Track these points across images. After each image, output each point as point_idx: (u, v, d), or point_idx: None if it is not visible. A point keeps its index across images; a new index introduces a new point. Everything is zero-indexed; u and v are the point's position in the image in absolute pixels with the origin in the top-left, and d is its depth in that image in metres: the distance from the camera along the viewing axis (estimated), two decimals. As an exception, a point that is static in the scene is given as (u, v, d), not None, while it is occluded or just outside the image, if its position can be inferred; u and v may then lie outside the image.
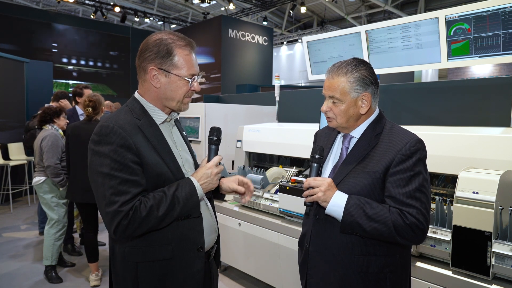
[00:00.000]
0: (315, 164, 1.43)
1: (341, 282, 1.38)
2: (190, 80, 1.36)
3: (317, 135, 1.71)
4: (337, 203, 1.34)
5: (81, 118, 4.23)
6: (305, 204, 1.43)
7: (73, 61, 11.37)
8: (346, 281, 1.37)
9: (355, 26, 6.77)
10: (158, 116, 1.39)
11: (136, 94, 1.41)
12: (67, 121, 3.71)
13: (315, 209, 1.45)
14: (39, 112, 3.70)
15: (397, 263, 1.39)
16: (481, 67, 11.92)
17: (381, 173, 1.34)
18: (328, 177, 1.46)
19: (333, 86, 1.40)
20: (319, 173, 1.44)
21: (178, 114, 1.49)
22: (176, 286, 1.35)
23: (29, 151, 5.71)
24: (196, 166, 1.53)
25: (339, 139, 1.54)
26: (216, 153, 1.44)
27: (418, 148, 1.34)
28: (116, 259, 1.37)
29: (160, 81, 1.34)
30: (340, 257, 1.39)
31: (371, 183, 1.35)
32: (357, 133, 1.45)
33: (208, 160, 1.42)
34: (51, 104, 4.43)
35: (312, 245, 1.46)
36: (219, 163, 1.42)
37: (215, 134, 1.45)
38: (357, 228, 1.33)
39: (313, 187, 1.37)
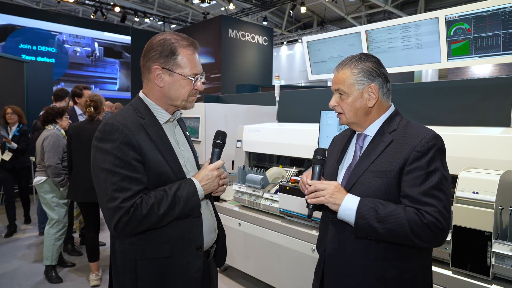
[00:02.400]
0: (317, 166, 1.40)
1: (358, 287, 1.33)
2: (193, 79, 1.38)
3: (334, 139, 1.66)
4: (348, 207, 1.27)
5: (80, 118, 4.23)
6: (307, 206, 1.38)
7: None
8: (363, 287, 1.32)
9: (355, 26, 6.78)
10: (162, 115, 1.41)
11: (141, 94, 1.44)
12: (70, 121, 3.72)
13: (331, 212, 1.38)
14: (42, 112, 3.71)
15: (417, 269, 1.32)
16: (481, 67, 11.92)
17: (396, 172, 1.27)
18: (343, 177, 1.42)
19: (339, 79, 1.39)
20: (321, 175, 1.41)
21: (181, 114, 1.51)
22: (175, 284, 1.36)
23: (33, 150, 5.65)
24: (198, 165, 1.54)
25: (354, 139, 1.49)
26: (219, 157, 1.46)
27: (435, 143, 1.27)
28: (116, 256, 1.39)
29: (164, 80, 1.36)
30: (356, 262, 1.33)
31: (386, 183, 1.28)
32: (371, 131, 1.40)
33: (211, 163, 1.44)
34: (54, 104, 4.43)
35: (327, 248, 1.41)
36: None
37: (220, 138, 1.48)
38: (371, 232, 1.25)
39: (318, 190, 1.32)
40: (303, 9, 12.75)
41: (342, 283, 1.36)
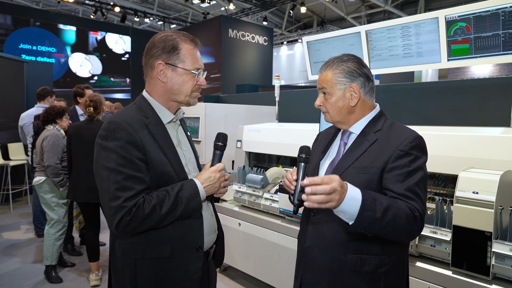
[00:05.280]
0: (302, 164, 1.37)
1: (334, 279, 1.36)
2: (196, 73, 1.39)
3: (318, 135, 1.70)
4: (353, 196, 1.16)
5: (81, 118, 4.23)
6: (292, 203, 1.32)
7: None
8: (339, 279, 1.35)
9: (355, 26, 6.77)
10: (165, 115, 1.41)
11: (144, 93, 1.44)
12: (70, 121, 3.72)
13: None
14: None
15: (392, 264, 1.35)
16: (481, 67, 11.92)
17: (378, 168, 1.32)
18: (325, 172, 1.45)
19: (322, 79, 1.44)
20: (305, 173, 1.37)
21: (184, 114, 1.52)
22: (174, 284, 1.36)
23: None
24: (199, 166, 1.55)
25: (338, 135, 1.54)
26: (220, 159, 1.47)
27: (417, 143, 1.33)
28: (116, 255, 1.39)
29: (167, 76, 1.37)
30: (333, 254, 1.36)
31: (368, 178, 1.32)
32: (356, 129, 1.45)
33: (212, 165, 1.44)
34: (38, 104, 4.55)
35: (307, 241, 1.45)
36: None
37: (221, 140, 1.48)
38: (370, 224, 1.18)
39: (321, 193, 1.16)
40: (303, 9, 12.75)
41: (320, 275, 1.39)
